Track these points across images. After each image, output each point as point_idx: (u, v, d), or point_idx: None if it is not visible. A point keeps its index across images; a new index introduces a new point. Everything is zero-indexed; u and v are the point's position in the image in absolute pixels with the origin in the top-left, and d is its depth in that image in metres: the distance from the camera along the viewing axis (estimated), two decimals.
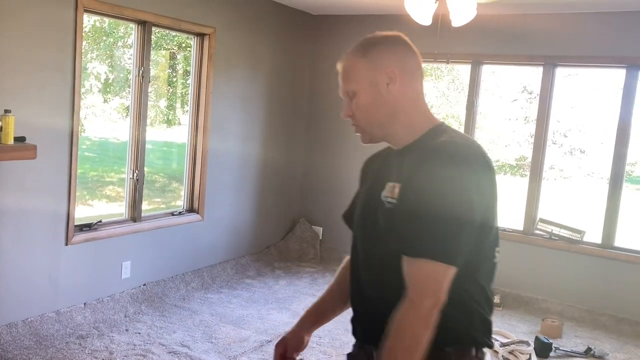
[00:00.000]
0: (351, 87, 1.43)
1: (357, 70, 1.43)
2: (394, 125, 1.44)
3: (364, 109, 1.43)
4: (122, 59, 4.90)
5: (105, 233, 3.95)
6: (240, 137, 5.05)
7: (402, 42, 1.45)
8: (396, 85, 1.40)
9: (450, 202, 1.27)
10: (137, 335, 3.68)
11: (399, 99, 1.41)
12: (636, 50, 4.34)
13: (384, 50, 1.42)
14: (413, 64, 1.44)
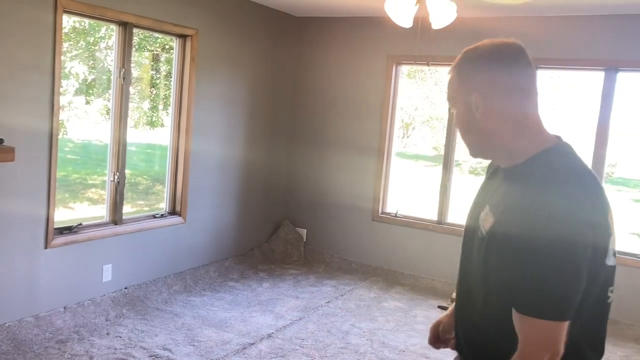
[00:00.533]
0: (460, 97, 1.35)
1: (453, 88, 1.36)
2: (490, 147, 1.35)
3: (460, 128, 1.38)
4: (105, 61, 4.86)
5: (85, 236, 3.91)
6: (223, 139, 5.04)
7: (502, 56, 1.31)
8: (483, 111, 1.30)
9: (553, 254, 1.17)
10: (118, 339, 3.64)
11: (493, 122, 1.30)
12: (614, 53, 4.40)
13: (473, 69, 1.32)
14: (514, 81, 1.29)
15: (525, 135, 1.31)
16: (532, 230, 1.17)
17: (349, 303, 4.66)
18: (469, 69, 1.32)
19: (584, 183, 1.25)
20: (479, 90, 1.30)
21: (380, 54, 5.32)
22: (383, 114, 5.37)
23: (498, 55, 1.31)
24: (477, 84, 1.30)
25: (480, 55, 1.32)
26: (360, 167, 5.50)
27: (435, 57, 4.96)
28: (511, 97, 1.30)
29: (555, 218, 1.17)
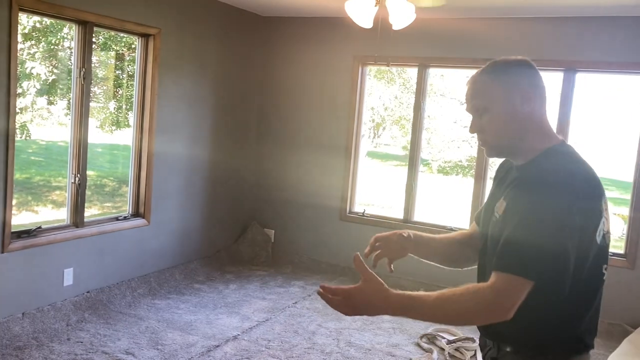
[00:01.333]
0: (483, 103, 1.51)
1: (491, 89, 1.50)
2: (520, 143, 1.51)
3: (496, 124, 1.50)
4: (69, 61, 4.77)
5: (45, 239, 3.83)
6: (188, 139, 4.99)
7: (532, 66, 1.53)
8: (530, 105, 1.48)
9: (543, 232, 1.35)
10: (79, 344, 3.57)
11: (529, 119, 1.49)
12: (572, 54, 4.51)
13: (518, 72, 1.51)
14: (541, 87, 1.52)
15: (543, 134, 1.52)
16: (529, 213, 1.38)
17: (316, 303, 4.66)
18: (515, 71, 1.51)
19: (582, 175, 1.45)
20: (527, 87, 1.49)
21: (346, 54, 5.34)
22: (350, 113, 5.39)
23: (529, 64, 1.53)
24: (524, 83, 1.49)
25: (518, 62, 1.53)
26: (328, 167, 5.51)
27: (397, 57, 5.00)
28: (540, 100, 1.52)
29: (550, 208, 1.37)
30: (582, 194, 1.40)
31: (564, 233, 1.35)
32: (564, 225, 1.36)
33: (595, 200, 1.43)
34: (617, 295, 4.44)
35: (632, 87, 5.76)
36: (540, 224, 1.36)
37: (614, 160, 11.27)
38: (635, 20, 4.28)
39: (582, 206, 1.39)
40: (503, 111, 1.49)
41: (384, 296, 1.44)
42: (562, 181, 1.40)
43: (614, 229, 1.44)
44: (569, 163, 1.47)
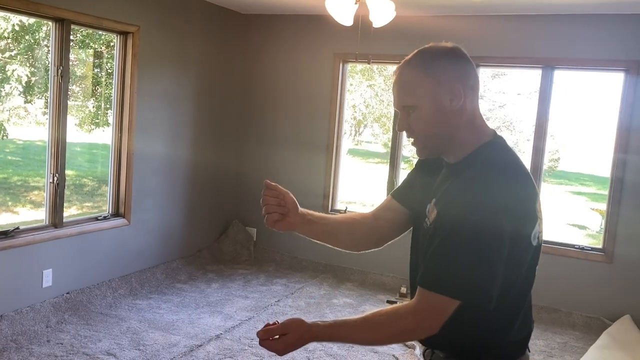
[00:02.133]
0: (410, 101, 1.39)
1: (418, 84, 1.38)
2: (451, 141, 1.41)
3: (424, 123, 1.39)
4: (47, 59, 4.70)
5: (23, 240, 3.77)
6: (169, 138, 4.95)
7: (463, 55, 1.41)
8: (460, 101, 1.37)
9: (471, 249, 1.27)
10: (60, 345, 3.53)
11: (459, 115, 1.38)
12: (550, 52, 4.57)
13: (446, 65, 1.39)
14: (473, 78, 1.41)
15: (476, 129, 1.42)
16: (460, 218, 1.28)
17: (299, 301, 4.66)
18: (442, 64, 1.38)
19: (517, 175, 1.36)
20: (456, 82, 1.37)
21: (327, 51, 5.35)
22: (331, 111, 5.39)
23: (460, 53, 1.41)
24: (453, 78, 1.37)
25: (447, 52, 1.40)
26: (310, 165, 5.51)
27: (377, 55, 5.01)
28: (472, 93, 1.40)
29: (485, 208, 1.28)
30: (517, 200, 1.31)
31: (493, 249, 1.27)
32: (494, 241, 1.27)
33: (530, 204, 1.36)
34: (595, 289, 4.52)
35: (609, 84, 5.86)
36: (468, 240, 1.27)
37: (592, 155, 11.45)
38: (612, 17, 4.35)
39: (516, 214, 1.30)
40: (431, 109, 1.37)
41: (309, 336, 1.41)
42: (495, 190, 1.29)
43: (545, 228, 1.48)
44: (502, 165, 1.37)
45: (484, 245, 1.27)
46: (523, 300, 1.42)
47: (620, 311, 4.40)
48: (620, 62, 4.38)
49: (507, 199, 1.29)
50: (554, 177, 11.72)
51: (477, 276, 1.28)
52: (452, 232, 1.29)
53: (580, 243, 4.69)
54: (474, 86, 1.40)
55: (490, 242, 1.27)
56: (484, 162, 1.36)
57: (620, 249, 4.45)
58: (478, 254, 1.27)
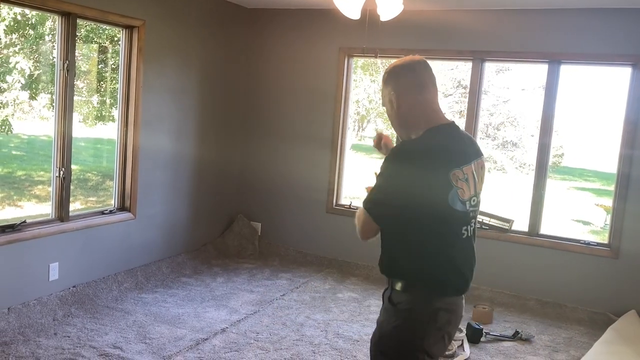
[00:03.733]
0: (382, 101, 1.98)
1: (382, 93, 1.97)
2: (407, 129, 1.93)
3: (390, 117, 1.97)
4: (51, 54, 4.70)
5: (30, 234, 3.78)
6: (174, 132, 4.95)
7: (408, 66, 1.92)
8: (399, 104, 1.90)
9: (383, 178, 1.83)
10: (66, 338, 3.54)
11: (406, 112, 1.91)
12: (556, 46, 4.55)
13: (391, 78, 1.93)
14: (416, 82, 1.90)
15: (425, 119, 1.90)
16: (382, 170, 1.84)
17: (303, 295, 4.67)
18: (387, 77, 1.94)
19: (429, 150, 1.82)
20: (393, 91, 1.91)
21: (332, 46, 5.33)
22: (336, 105, 5.38)
23: (402, 64, 1.93)
24: (393, 87, 1.92)
25: (394, 66, 1.94)
26: (314, 159, 5.51)
27: (384, 49, 5.00)
28: (417, 93, 1.90)
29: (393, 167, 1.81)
30: (418, 166, 1.77)
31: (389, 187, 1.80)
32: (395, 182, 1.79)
33: (438, 173, 1.78)
34: (600, 284, 4.51)
35: (616, 78, 5.84)
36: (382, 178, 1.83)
37: (597, 151, 11.41)
38: (618, 12, 4.33)
39: (417, 174, 1.77)
40: (387, 109, 1.96)
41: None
42: (407, 150, 1.84)
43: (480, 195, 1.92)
44: (425, 140, 1.85)
45: (388, 183, 1.82)
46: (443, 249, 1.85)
47: (625, 306, 4.39)
48: (627, 57, 4.35)
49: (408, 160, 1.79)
50: (558, 173, 11.69)
51: (383, 203, 1.83)
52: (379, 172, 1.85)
53: (585, 239, 4.69)
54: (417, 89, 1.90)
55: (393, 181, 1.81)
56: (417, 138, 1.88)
57: (626, 245, 4.44)
58: (385, 188, 1.82)
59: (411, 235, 1.84)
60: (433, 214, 1.80)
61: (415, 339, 1.84)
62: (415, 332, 1.85)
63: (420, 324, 1.85)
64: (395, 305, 1.89)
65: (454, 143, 1.88)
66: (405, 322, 1.86)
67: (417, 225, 1.82)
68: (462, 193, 1.82)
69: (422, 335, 1.84)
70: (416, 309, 1.85)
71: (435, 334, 1.86)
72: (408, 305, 1.86)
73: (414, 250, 1.86)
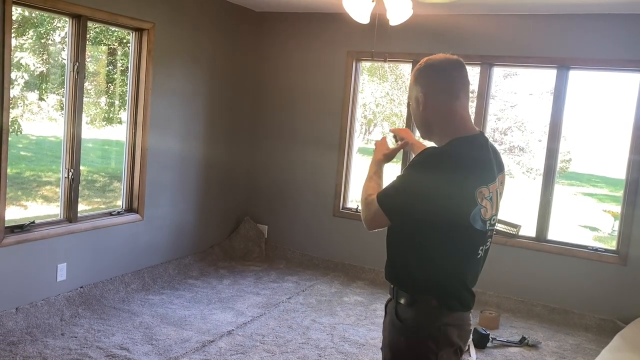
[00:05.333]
0: (409, 99, 1.92)
1: (410, 87, 1.88)
2: (430, 133, 1.86)
3: (416, 118, 1.88)
4: (60, 55, 4.72)
5: (38, 234, 3.80)
6: (182, 134, 4.97)
7: (442, 67, 1.80)
8: (425, 106, 1.81)
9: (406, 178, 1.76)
10: (73, 339, 3.56)
11: (431, 115, 1.81)
12: (565, 51, 4.54)
13: (422, 77, 1.82)
14: (448, 87, 1.79)
15: (453, 126, 1.80)
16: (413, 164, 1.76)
17: (310, 298, 4.67)
18: (418, 74, 1.83)
19: (458, 165, 1.72)
20: (423, 91, 1.81)
21: (340, 49, 5.34)
22: (343, 109, 5.39)
23: (436, 64, 1.81)
24: (422, 87, 1.81)
25: (428, 64, 1.81)
26: (321, 163, 5.51)
27: (392, 53, 5.01)
28: (446, 98, 1.79)
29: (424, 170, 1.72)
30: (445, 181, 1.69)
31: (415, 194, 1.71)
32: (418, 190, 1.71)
33: (466, 187, 1.71)
34: (608, 291, 4.49)
35: (625, 84, 5.82)
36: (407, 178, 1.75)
37: (605, 157, 11.36)
38: (628, 17, 4.32)
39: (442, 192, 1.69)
40: (413, 107, 1.87)
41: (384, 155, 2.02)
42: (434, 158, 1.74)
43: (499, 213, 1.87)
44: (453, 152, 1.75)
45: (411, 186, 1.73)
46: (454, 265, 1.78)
47: (633, 313, 4.37)
48: (636, 62, 4.34)
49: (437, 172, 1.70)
50: (566, 178, 11.64)
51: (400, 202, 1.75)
52: (404, 170, 1.78)
53: (593, 245, 4.67)
54: (448, 93, 1.79)
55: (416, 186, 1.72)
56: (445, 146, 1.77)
57: (635, 251, 4.42)
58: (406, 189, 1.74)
59: (425, 244, 1.77)
60: (452, 227, 1.73)
61: (430, 356, 1.79)
62: (428, 351, 1.79)
63: (432, 341, 1.79)
64: (402, 322, 1.83)
65: (483, 157, 1.80)
66: (416, 341, 1.81)
67: (433, 235, 1.75)
68: (484, 212, 1.76)
69: (436, 351, 1.79)
70: (425, 326, 1.80)
71: (447, 350, 1.81)
72: (416, 322, 1.81)
73: (426, 261, 1.79)
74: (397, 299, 1.86)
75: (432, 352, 1.78)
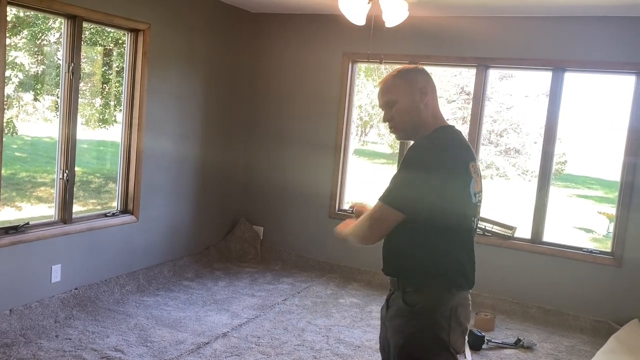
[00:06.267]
0: (393, 98, 1.98)
1: (399, 87, 1.97)
2: (419, 126, 1.97)
3: (402, 113, 1.97)
4: (56, 55, 4.71)
5: (33, 235, 3.78)
6: (178, 136, 4.96)
7: (425, 72, 2.02)
8: (425, 98, 1.95)
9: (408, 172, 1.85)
10: (68, 341, 3.54)
11: (424, 108, 1.96)
12: (561, 54, 4.55)
13: (416, 76, 1.99)
14: (432, 85, 2.01)
15: (435, 119, 1.99)
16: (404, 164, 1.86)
17: (305, 300, 4.66)
18: (414, 75, 1.99)
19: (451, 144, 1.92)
20: (424, 85, 1.97)
21: (336, 51, 5.34)
22: (340, 110, 5.39)
23: (424, 71, 2.03)
24: (421, 82, 1.98)
25: (416, 70, 2.02)
26: (317, 164, 5.51)
27: (388, 54, 5.01)
28: (433, 94, 2.00)
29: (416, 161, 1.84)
30: (447, 157, 1.84)
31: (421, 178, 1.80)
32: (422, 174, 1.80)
33: (460, 164, 1.86)
34: (603, 293, 4.50)
35: (620, 86, 5.84)
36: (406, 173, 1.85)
37: (600, 159, 11.39)
38: (623, 20, 4.33)
39: (448, 166, 1.82)
40: (407, 103, 1.95)
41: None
42: (430, 147, 1.87)
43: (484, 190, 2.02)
44: (443, 136, 1.92)
45: (415, 176, 1.82)
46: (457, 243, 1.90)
47: (628, 315, 4.38)
48: (631, 65, 4.35)
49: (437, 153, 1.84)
50: (561, 180, 11.66)
51: (410, 195, 1.83)
52: (399, 170, 1.88)
53: (588, 246, 4.68)
54: (433, 91, 2.00)
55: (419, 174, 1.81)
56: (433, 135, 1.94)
57: (629, 253, 4.43)
58: (411, 181, 1.83)
59: (432, 228, 1.84)
60: (459, 206, 1.85)
61: (442, 337, 1.86)
62: (440, 331, 1.86)
63: (444, 322, 1.86)
64: (412, 307, 1.89)
65: (465, 140, 1.98)
66: (428, 322, 1.87)
67: (441, 219, 1.83)
68: (475, 185, 1.90)
69: (447, 332, 1.86)
70: (436, 307, 1.86)
71: (456, 329, 1.88)
72: (427, 304, 1.87)
73: (435, 245, 1.87)
74: (403, 287, 1.93)
75: (444, 331, 1.85)
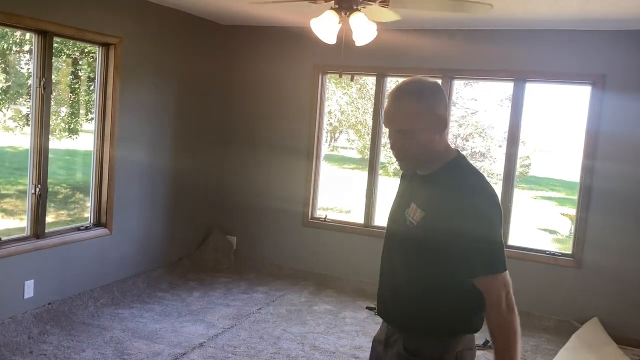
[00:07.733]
0: (408, 125, 1.67)
1: (417, 115, 1.66)
2: (430, 158, 1.72)
3: (417, 145, 1.69)
4: (19, 65, 4.67)
5: (5, 251, 3.77)
6: (151, 147, 4.98)
7: (443, 91, 1.72)
8: (443, 130, 1.70)
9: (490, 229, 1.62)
10: (42, 356, 3.54)
11: (439, 140, 1.71)
12: (521, 65, 4.75)
13: (439, 100, 1.68)
14: (448, 109, 1.71)
15: (444, 147, 1.74)
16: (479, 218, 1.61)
17: (280, 308, 4.74)
18: (433, 101, 1.68)
19: (487, 183, 1.71)
20: (441, 117, 1.69)
21: (307, 63, 5.44)
22: (311, 120, 5.49)
23: (442, 89, 1.73)
24: (440, 113, 1.69)
25: (439, 89, 1.71)
26: (290, 173, 5.59)
27: (357, 67, 5.14)
28: (447, 120, 1.74)
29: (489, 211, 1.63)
30: (496, 199, 1.68)
31: (499, 227, 1.64)
32: (498, 220, 1.64)
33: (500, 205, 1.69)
34: (564, 293, 4.70)
35: (577, 96, 6.10)
36: (486, 222, 1.62)
37: (562, 161, 11.78)
38: (580, 33, 4.55)
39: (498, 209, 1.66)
40: (426, 137, 1.68)
41: None
42: (481, 187, 1.66)
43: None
44: (472, 174, 1.71)
45: (496, 232, 1.63)
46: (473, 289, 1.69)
47: (589, 314, 4.59)
48: (587, 76, 4.58)
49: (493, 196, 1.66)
50: (525, 182, 12.01)
51: (502, 250, 1.65)
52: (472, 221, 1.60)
53: (550, 248, 4.87)
54: (448, 115, 1.70)
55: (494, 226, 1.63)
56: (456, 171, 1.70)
57: (589, 254, 4.64)
58: (496, 237, 1.63)
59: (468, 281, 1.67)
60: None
61: None
62: None
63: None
64: (415, 356, 1.72)
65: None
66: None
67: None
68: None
69: None
70: (442, 356, 1.71)
71: None
72: (434, 354, 1.70)
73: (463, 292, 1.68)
74: (406, 333, 1.76)
75: None
